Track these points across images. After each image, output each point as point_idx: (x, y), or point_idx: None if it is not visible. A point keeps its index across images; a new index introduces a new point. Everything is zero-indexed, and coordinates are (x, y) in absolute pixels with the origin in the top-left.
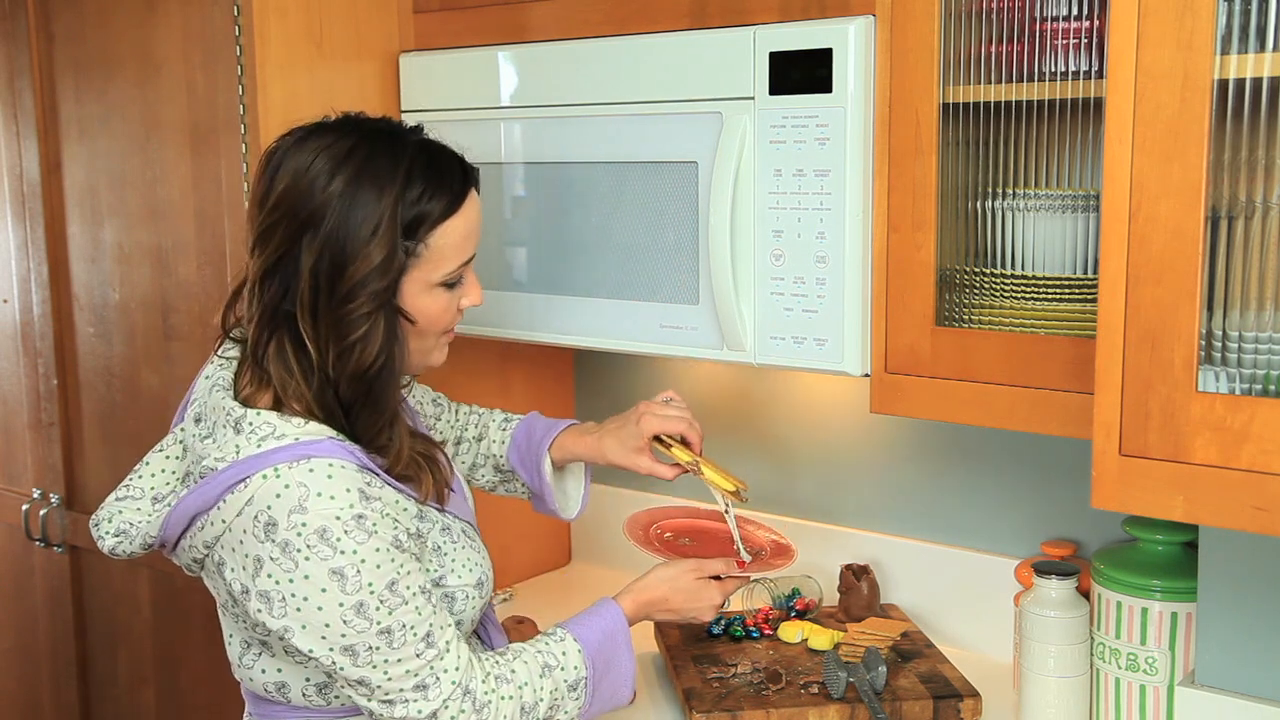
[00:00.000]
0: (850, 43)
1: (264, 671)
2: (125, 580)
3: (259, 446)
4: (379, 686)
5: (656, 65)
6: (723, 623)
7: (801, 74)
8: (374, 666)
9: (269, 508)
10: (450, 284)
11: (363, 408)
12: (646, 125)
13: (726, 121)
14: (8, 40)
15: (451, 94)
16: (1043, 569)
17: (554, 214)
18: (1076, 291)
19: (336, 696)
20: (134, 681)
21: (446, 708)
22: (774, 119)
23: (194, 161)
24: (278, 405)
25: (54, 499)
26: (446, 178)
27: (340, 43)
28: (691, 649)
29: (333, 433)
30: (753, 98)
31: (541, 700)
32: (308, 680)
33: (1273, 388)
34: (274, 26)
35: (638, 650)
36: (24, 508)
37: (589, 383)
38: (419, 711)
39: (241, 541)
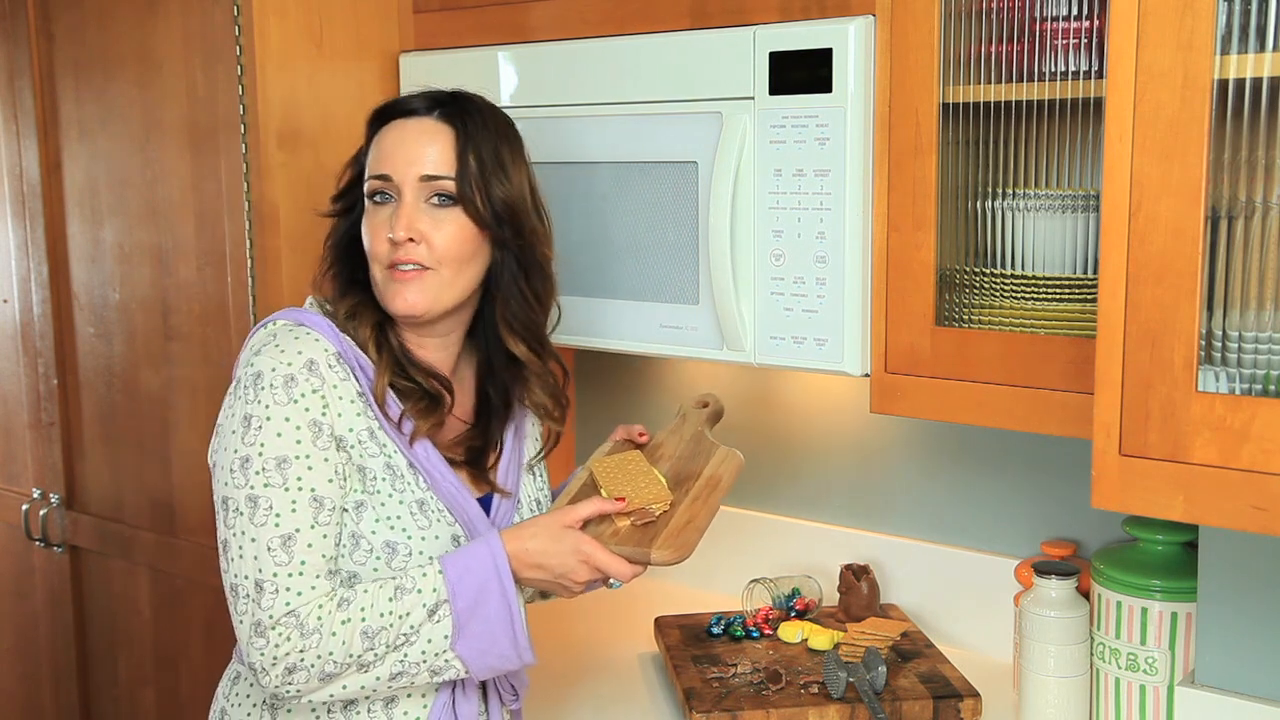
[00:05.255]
0: (850, 43)
1: None
2: (125, 581)
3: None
4: (232, 560)
5: (656, 65)
6: (723, 623)
7: (801, 74)
8: (234, 534)
9: (248, 349)
10: (374, 198)
11: (346, 299)
12: (646, 125)
13: (726, 121)
14: (8, 40)
15: None
16: (1043, 569)
17: (554, 214)
18: (1076, 291)
19: None
20: (134, 681)
21: (275, 628)
22: (774, 119)
23: (194, 161)
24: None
25: (54, 499)
26: (409, 100)
27: (340, 43)
28: (692, 649)
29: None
30: (753, 98)
31: (389, 626)
32: None
33: (1273, 388)
34: (274, 26)
35: (637, 649)
36: (24, 508)
37: (589, 383)
38: (251, 615)
39: None
